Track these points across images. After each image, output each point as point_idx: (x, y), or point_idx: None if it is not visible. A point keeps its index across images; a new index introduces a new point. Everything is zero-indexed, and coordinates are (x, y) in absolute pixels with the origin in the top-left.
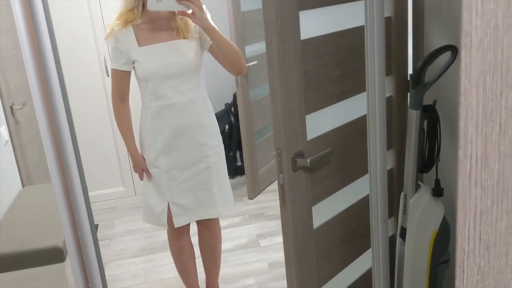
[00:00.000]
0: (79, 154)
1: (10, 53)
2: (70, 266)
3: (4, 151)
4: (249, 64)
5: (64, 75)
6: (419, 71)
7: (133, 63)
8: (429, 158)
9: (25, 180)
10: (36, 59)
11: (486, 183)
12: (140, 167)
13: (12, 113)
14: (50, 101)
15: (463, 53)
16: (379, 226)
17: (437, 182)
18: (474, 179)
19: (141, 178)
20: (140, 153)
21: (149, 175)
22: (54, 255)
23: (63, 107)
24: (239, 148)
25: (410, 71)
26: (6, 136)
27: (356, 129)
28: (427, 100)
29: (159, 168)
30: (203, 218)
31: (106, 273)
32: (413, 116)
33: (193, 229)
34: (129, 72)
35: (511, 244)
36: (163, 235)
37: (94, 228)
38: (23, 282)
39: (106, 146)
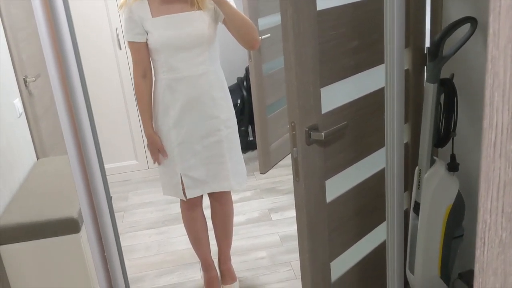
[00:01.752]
0: (94, 123)
1: (22, 24)
2: (85, 237)
3: (18, 123)
4: (262, 37)
5: None
6: (437, 43)
7: (147, 34)
8: (445, 132)
9: (40, 152)
10: (51, 31)
11: (511, 154)
12: (156, 148)
13: (26, 86)
14: (65, 72)
15: (491, 18)
16: (395, 200)
17: (453, 157)
18: (499, 149)
19: (157, 161)
20: (155, 132)
21: (165, 155)
22: (69, 226)
23: (79, 78)
24: (251, 122)
25: (427, 44)
26: (20, 108)
27: (372, 103)
28: (444, 74)
29: (170, 141)
30: (215, 191)
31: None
32: (430, 89)
33: (206, 202)
34: (145, 44)
35: None
36: (176, 208)
37: (110, 197)
38: (39, 252)
39: (119, 119)
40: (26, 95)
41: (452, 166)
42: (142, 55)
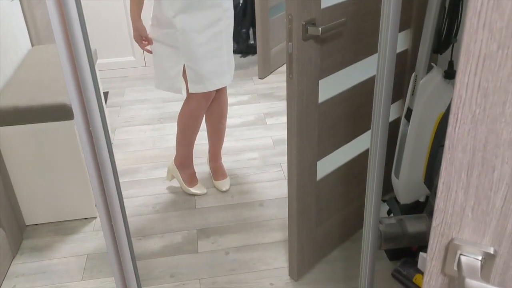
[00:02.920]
0: (82, 12)
1: None
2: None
3: (11, 6)
4: None
5: None
6: None
7: None
8: (446, 38)
9: (34, 39)
10: None
11: (495, 25)
12: (139, 34)
13: None
14: None
15: None
16: (381, 109)
17: (451, 64)
18: (483, 19)
19: (142, 47)
20: (142, 20)
21: (150, 41)
22: (63, 112)
23: None
24: (253, 25)
25: None
26: None
27: (373, 2)
28: None
29: (175, 29)
30: (217, 87)
31: (116, 137)
32: None
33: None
34: None
35: (511, 92)
36: (172, 106)
37: (99, 89)
38: (34, 136)
39: (116, 14)
40: None
41: (449, 73)
42: None
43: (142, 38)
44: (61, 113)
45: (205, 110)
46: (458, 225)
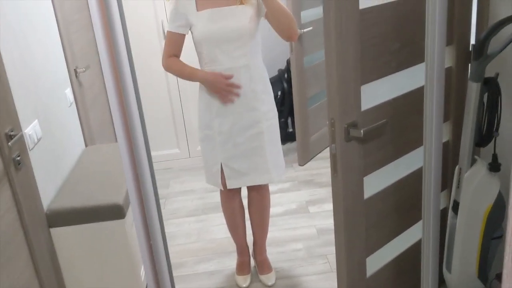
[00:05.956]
0: (142, 113)
1: (73, 17)
2: (129, 222)
3: (69, 112)
4: (304, 30)
5: None
6: (483, 41)
7: (190, 27)
8: (487, 132)
9: (88, 139)
10: (104, 22)
11: None
12: (222, 80)
13: (76, 76)
14: (117, 63)
15: None
16: (431, 199)
17: (495, 157)
18: None
19: (229, 91)
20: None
21: (237, 86)
22: (115, 212)
23: (129, 68)
24: (291, 114)
25: (472, 41)
26: (71, 98)
27: (412, 101)
28: (488, 73)
29: (213, 130)
30: (256, 184)
31: None
32: (473, 88)
33: (244, 191)
34: (184, 36)
35: None
36: (215, 196)
37: (156, 186)
38: (86, 235)
39: (162, 109)
40: (76, 85)
41: (494, 166)
42: (177, 45)
43: (224, 81)
44: (114, 212)
45: (234, 204)
46: None
